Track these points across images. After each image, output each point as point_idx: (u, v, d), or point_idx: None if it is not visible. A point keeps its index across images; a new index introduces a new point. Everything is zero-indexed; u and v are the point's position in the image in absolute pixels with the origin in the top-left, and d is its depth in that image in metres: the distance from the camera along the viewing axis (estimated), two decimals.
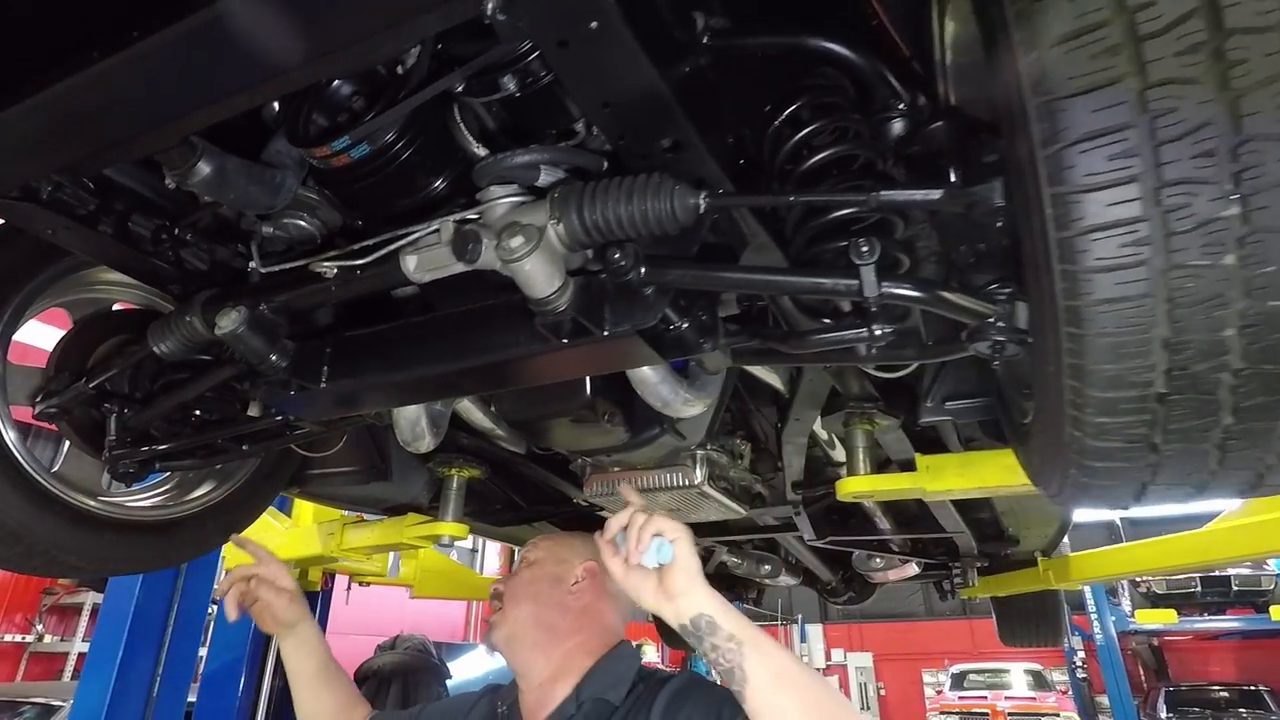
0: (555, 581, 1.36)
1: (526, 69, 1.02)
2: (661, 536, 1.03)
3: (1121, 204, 0.56)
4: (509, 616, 1.37)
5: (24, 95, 0.88)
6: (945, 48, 1.01)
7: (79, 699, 3.17)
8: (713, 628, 0.98)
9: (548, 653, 1.33)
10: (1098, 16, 0.55)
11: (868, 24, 1.05)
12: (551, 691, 1.31)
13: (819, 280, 0.89)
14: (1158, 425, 0.65)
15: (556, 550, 1.43)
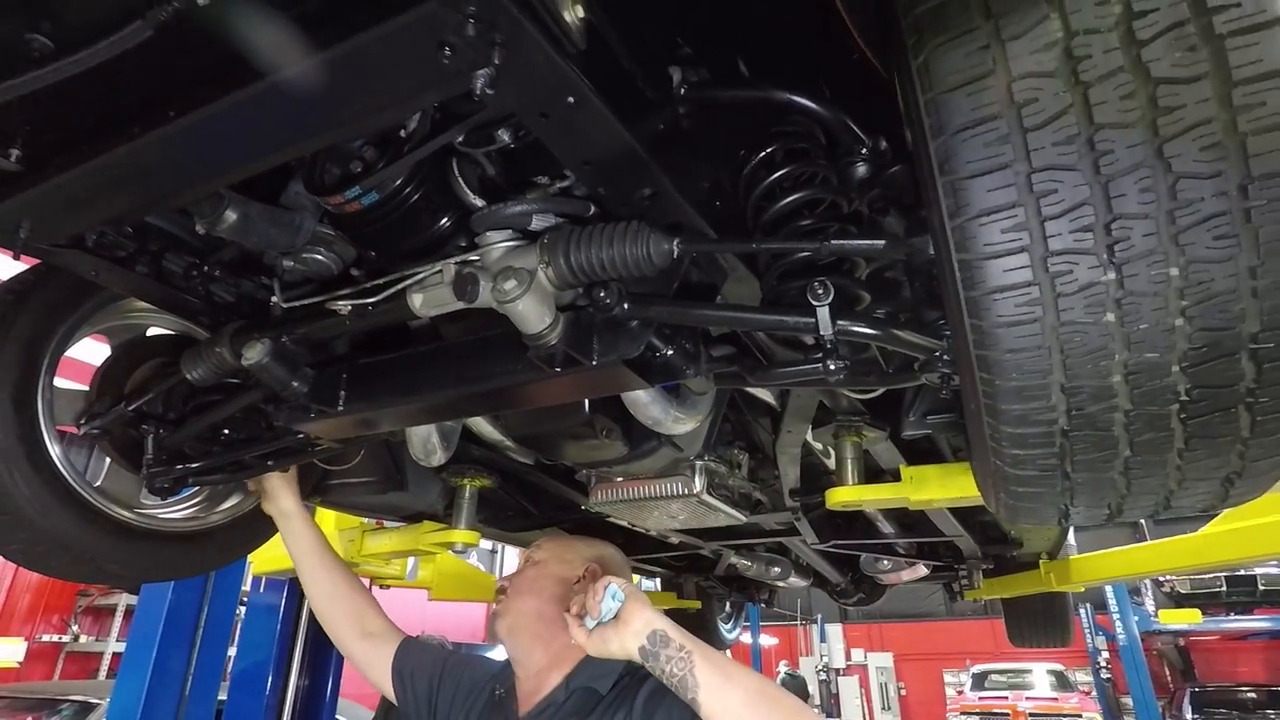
0: (558, 580, 1.47)
1: (519, 123, 1.12)
2: (611, 585, 1.17)
3: (1016, 270, 0.65)
4: (512, 608, 1.49)
5: (81, 161, 1.00)
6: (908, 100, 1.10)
7: (116, 697, 3.33)
8: (665, 640, 1.10)
9: (546, 644, 1.43)
10: (990, 110, 0.64)
11: (850, 57, 1.14)
12: (546, 679, 1.41)
13: (782, 318, 0.98)
14: (1065, 457, 0.74)
15: (560, 551, 1.54)
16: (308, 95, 0.85)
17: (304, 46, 0.81)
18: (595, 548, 1.59)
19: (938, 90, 0.66)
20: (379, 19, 0.76)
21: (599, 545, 1.60)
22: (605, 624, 1.16)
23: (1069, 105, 0.61)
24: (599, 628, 1.17)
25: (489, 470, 2.31)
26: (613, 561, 1.57)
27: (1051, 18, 0.63)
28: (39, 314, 1.56)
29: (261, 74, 0.84)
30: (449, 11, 0.73)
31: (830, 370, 0.96)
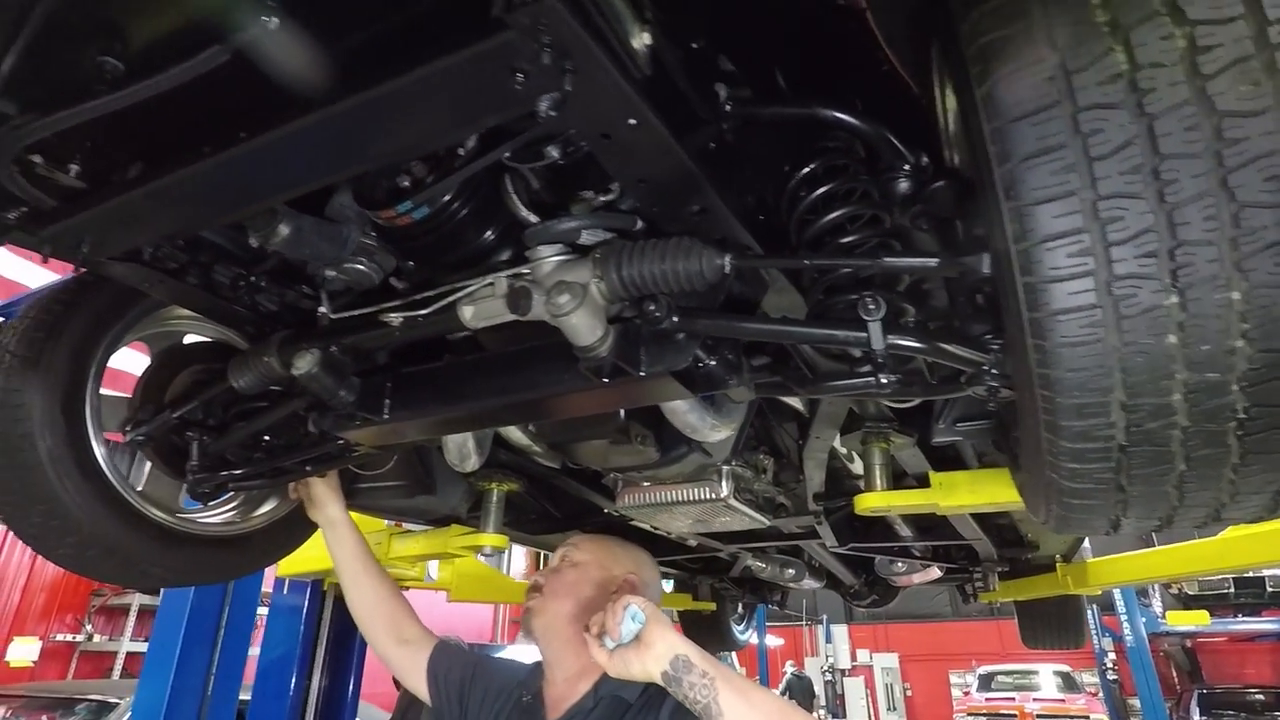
0: (597, 587, 1.48)
1: (568, 140, 1.14)
2: (631, 605, 1.18)
3: (1080, 293, 0.67)
4: (549, 609, 1.50)
5: (148, 180, 1.03)
6: (946, 114, 1.12)
7: (140, 696, 3.37)
8: (688, 666, 1.10)
9: (578, 650, 1.43)
10: (1057, 139, 0.67)
11: (881, 72, 1.16)
12: (575, 686, 1.42)
13: (832, 333, 1.01)
14: (1122, 471, 0.76)
15: (600, 555, 1.56)
16: (379, 118, 0.88)
17: (379, 71, 0.83)
18: (633, 554, 1.60)
19: (1004, 119, 0.69)
20: (456, 46, 0.79)
21: (636, 551, 1.62)
22: (626, 645, 1.17)
23: (1135, 136, 0.64)
24: (620, 649, 1.18)
25: (516, 474, 2.35)
26: (649, 570, 1.59)
27: (1116, 50, 0.66)
28: (87, 323, 1.59)
29: (335, 98, 0.87)
30: (525, 40, 0.76)
31: (883, 384, 0.98)
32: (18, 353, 1.51)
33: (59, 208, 1.16)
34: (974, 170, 0.78)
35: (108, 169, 1.15)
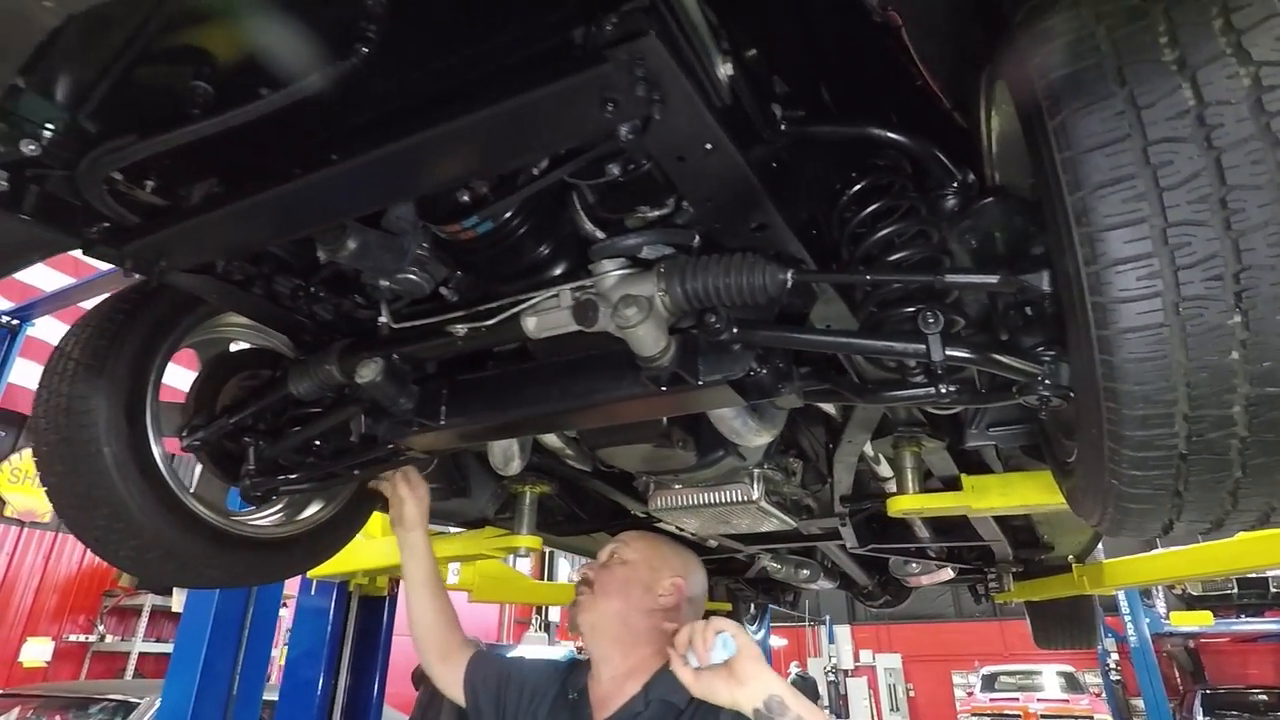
0: (645, 588, 1.50)
1: (629, 158, 1.19)
2: (723, 633, 1.18)
3: (1148, 313, 0.72)
4: (598, 606, 1.51)
5: (235, 199, 1.08)
6: (991, 136, 1.17)
7: (167, 696, 3.41)
8: (783, 708, 1.11)
9: (626, 650, 1.46)
10: (1127, 170, 0.72)
11: (915, 87, 1.21)
12: (623, 686, 1.44)
13: (890, 344, 1.06)
14: (1181, 477, 0.81)
15: (650, 556, 1.56)
16: (470, 142, 0.93)
17: (472, 99, 0.88)
18: (682, 556, 1.62)
19: (1077, 150, 0.74)
20: (551, 77, 0.84)
21: (685, 553, 1.63)
22: (715, 669, 1.18)
23: (1203, 168, 0.69)
24: (708, 672, 1.19)
25: (547, 477, 2.40)
26: (697, 573, 1.61)
27: (1183, 88, 0.71)
28: (146, 331, 1.64)
29: (428, 123, 0.92)
30: (621, 73, 0.81)
31: (942, 394, 1.03)
32: (82, 360, 1.56)
33: (140, 224, 1.21)
34: (1040, 195, 0.83)
35: (189, 187, 1.20)
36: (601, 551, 1.64)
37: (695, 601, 1.55)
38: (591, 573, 1.58)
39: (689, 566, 1.60)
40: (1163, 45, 0.72)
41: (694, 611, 1.53)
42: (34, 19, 0.76)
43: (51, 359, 1.60)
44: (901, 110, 1.30)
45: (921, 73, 1.18)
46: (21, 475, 7.57)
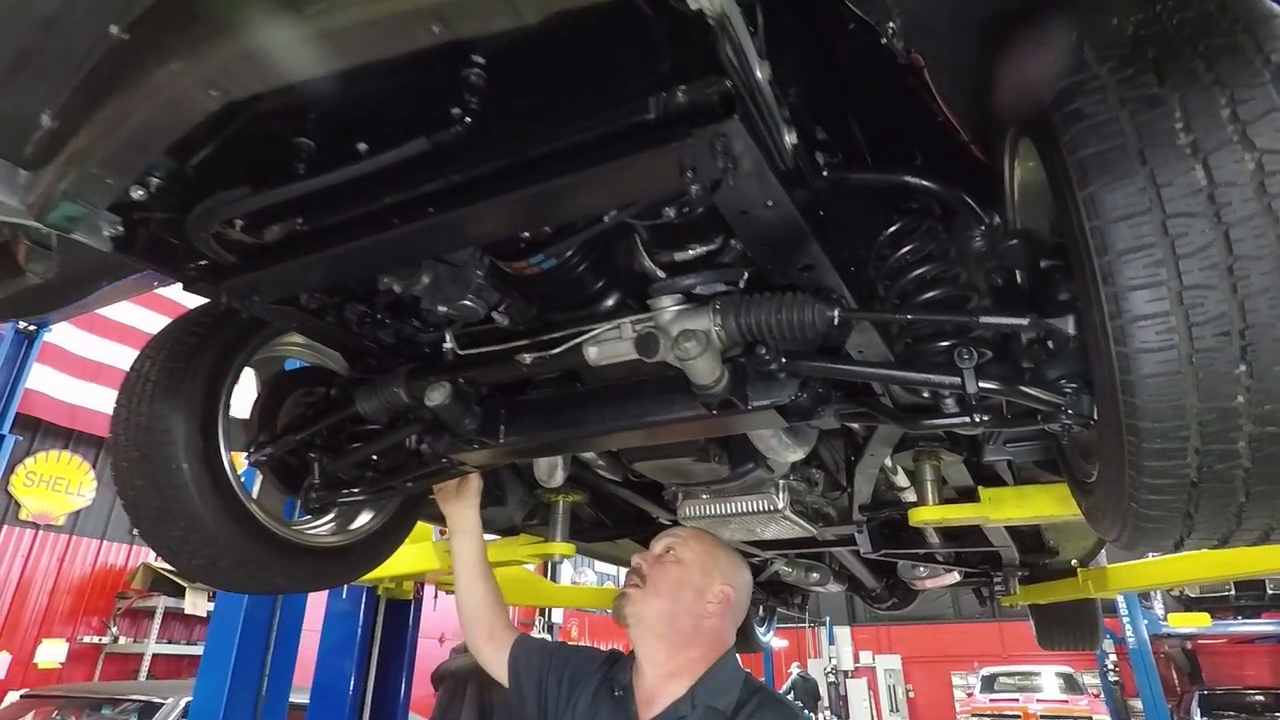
0: (696, 592, 1.48)
1: (685, 202, 1.31)
2: None
3: (1166, 361, 0.84)
4: (647, 602, 1.49)
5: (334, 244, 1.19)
6: (1014, 183, 1.29)
7: (198, 697, 3.52)
8: None
9: (671, 651, 1.46)
10: (1148, 240, 0.83)
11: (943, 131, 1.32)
12: (668, 686, 1.44)
13: (927, 377, 1.18)
14: (1193, 501, 0.93)
15: (704, 559, 1.54)
16: (560, 199, 1.04)
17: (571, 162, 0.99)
18: (734, 561, 1.59)
19: (1103, 220, 0.85)
20: (642, 147, 0.95)
21: (736, 559, 1.61)
22: None
23: (1213, 240, 0.80)
24: None
25: (579, 486, 2.51)
26: (744, 580, 1.60)
27: (1197, 169, 0.82)
28: (217, 353, 1.75)
29: (526, 181, 1.03)
30: (703, 147, 0.92)
31: (976, 423, 1.15)
32: (160, 381, 1.66)
33: (238, 264, 1.32)
34: (1069, 253, 0.94)
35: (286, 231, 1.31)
36: (656, 543, 1.62)
37: (738, 610, 1.55)
38: (646, 565, 1.55)
39: (739, 574, 1.58)
40: (1178, 131, 0.84)
41: (735, 619, 1.55)
42: (197, 105, 0.87)
43: (129, 380, 1.71)
44: (925, 148, 1.42)
45: (942, 109, 1.30)
46: (36, 479, 7.67)
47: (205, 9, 0.81)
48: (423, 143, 1.04)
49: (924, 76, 1.24)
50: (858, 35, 1.25)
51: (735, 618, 1.56)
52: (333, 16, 0.75)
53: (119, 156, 0.96)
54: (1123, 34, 0.95)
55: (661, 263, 1.35)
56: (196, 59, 0.83)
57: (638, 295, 1.47)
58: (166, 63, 0.85)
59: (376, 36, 0.76)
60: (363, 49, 0.78)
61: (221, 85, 0.83)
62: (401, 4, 0.72)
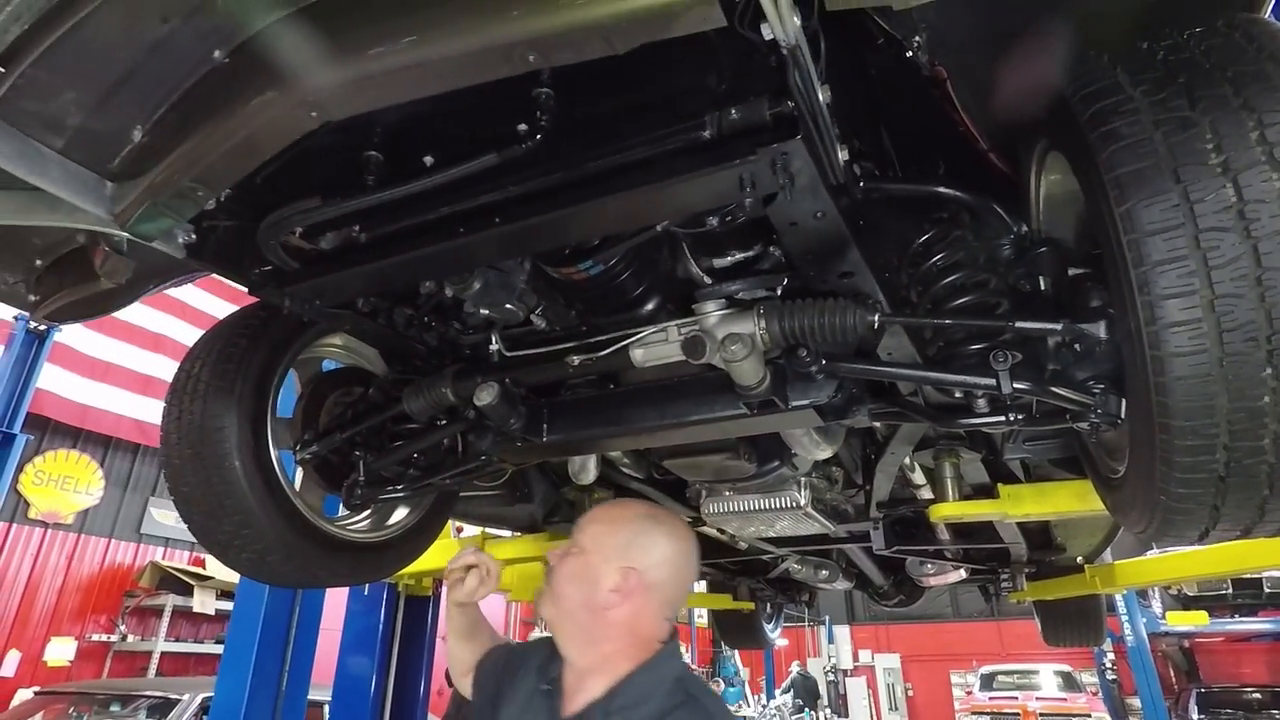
0: (592, 585, 1.25)
1: (726, 212, 1.37)
2: None
3: (1199, 365, 0.91)
4: (552, 600, 1.32)
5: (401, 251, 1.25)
6: (1039, 194, 1.35)
7: (219, 693, 3.57)
8: None
9: (581, 648, 1.28)
10: (1182, 252, 0.90)
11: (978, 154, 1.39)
12: (585, 683, 1.26)
13: (963, 378, 1.24)
14: (1220, 495, 0.99)
15: (603, 544, 1.29)
16: (625, 210, 1.11)
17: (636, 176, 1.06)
18: (645, 538, 1.28)
19: (1139, 234, 0.92)
20: (709, 164, 1.01)
21: (650, 533, 1.29)
22: None
23: (1243, 253, 0.87)
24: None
25: (604, 484, 2.57)
26: (663, 556, 1.28)
27: (1227, 187, 0.89)
28: (266, 354, 1.81)
29: (589, 195, 1.09)
30: (764, 164, 0.99)
31: (1012, 421, 1.22)
32: (212, 382, 1.72)
33: (303, 270, 1.38)
34: (1104, 263, 1.01)
35: (341, 239, 1.37)
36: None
37: (659, 591, 1.26)
38: (552, 561, 1.36)
39: (652, 550, 1.27)
40: (1210, 151, 0.91)
41: (660, 604, 1.26)
42: (297, 126, 0.93)
43: (179, 380, 1.77)
44: (948, 158, 1.49)
45: (964, 120, 1.37)
46: (46, 478, 7.70)
47: (311, 38, 0.87)
48: (493, 158, 1.11)
49: (947, 88, 1.31)
50: (885, 49, 1.31)
51: (660, 602, 1.27)
52: (437, 46, 0.81)
53: (215, 172, 1.02)
54: (1153, 58, 1.02)
55: (703, 268, 1.41)
56: (302, 83, 0.89)
57: (676, 299, 1.54)
58: (270, 86, 0.92)
59: (476, 65, 0.82)
60: (461, 76, 0.84)
61: (325, 108, 0.89)
62: (503, 34, 0.79)
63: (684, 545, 1.31)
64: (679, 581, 1.31)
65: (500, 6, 0.77)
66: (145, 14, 0.89)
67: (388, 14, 0.83)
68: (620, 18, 0.76)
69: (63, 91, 1.01)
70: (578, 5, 0.76)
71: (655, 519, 1.32)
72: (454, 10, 0.78)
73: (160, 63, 0.98)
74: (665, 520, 1.33)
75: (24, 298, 1.52)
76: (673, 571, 1.29)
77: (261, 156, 0.99)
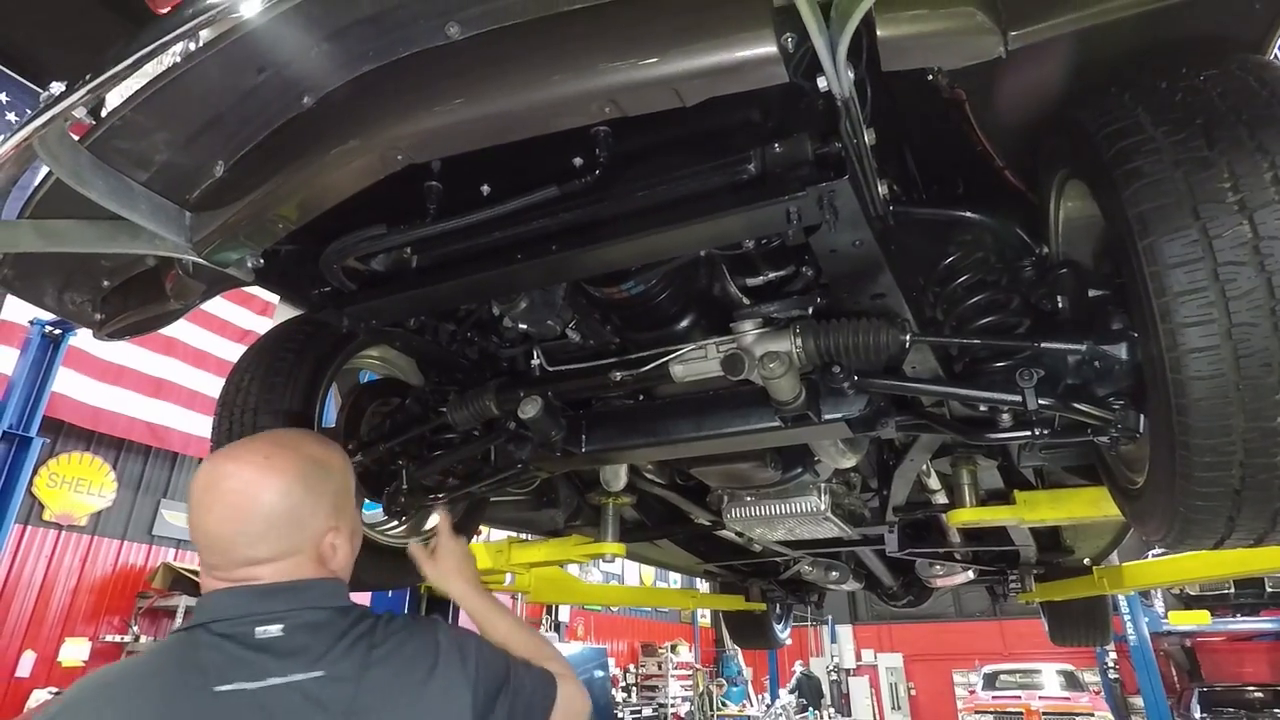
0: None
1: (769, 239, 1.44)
2: None
3: (1218, 388, 0.98)
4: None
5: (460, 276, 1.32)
6: (1058, 218, 1.43)
7: None
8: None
9: None
10: (1201, 283, 0.97)
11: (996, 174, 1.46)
12: None
13: (990, 395, 1.32)
14: (1235, 507, 1.07)
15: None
16: (680, 239, 1.18)
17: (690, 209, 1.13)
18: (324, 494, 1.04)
19: (1161, 266, 0.99)
20: (762, 198, 1.08)
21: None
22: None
23: (1258, 285, 0.95)
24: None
25: (630, 490, 2.65)
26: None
27: (1244, 224, 0.96)
28: (312, 367, 1.88)
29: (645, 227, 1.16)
30: (811, 200, 1.06)
31: (1038, 437, 1.29)
32: (262, 395, 1.80)
33: (360, 291, 1.46)
34: (1127, 291, 1.08)
35: (401, 261, 1.44)
36: None
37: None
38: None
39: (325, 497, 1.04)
40: (1227, 190, 0.98)
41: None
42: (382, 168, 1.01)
43: (228, 393, 1.84)
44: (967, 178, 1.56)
45: (983, 141, 1.44)
46: (59, 480, 7.78)
47: (400, 89, 0.95)
48: (554, 190, 1.18)
49: (966, 110, 1.38)
50: (908, 73, 1.39)
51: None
52: (524, 96, 0.88)
53: (298, 209, 1.09)
54: (1172, 98, 1.09)
55: (739, 288, 1.49)
56: (389, 130, 0.96)
57: (711, 318, 1.61)
58: (356, 133, 0.99)
59: (557, 115, 0.90)
60: (543, 125, 0.91)
61: (410, 152, 0.97)
62: (586, 88, 0.86)
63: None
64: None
65: (586, 64, 0.84)
66: (244, 66, 0.97)
67: (475, 67, 0.90)
68: (692, 74, 0.84)
69: (156, 132, 1.08)
70: (654, 62, 0.83)
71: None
72: (544, 66, 0.85)
73: (249, 106, 1.05)
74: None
75: (90, 316, 1.59)
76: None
77: (342, 196, 1.07)
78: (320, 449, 1.07)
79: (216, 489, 0.97)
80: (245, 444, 1.05)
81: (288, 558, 0.96)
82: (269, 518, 0.95)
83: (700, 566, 4.17)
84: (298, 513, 0.97)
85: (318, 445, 1.08)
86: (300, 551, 0.97)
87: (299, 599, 0.94)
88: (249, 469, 0.97)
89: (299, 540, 0.97)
